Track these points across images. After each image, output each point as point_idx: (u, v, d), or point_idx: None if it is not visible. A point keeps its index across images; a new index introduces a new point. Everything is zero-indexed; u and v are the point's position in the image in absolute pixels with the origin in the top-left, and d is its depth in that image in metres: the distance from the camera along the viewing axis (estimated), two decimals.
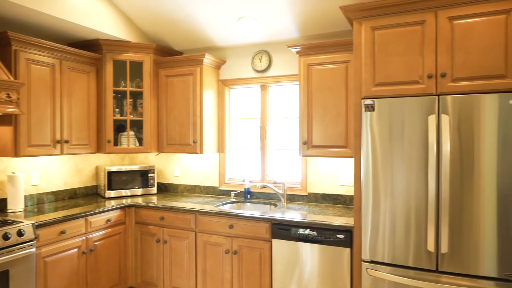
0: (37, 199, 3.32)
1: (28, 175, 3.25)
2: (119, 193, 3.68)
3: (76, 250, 2.93)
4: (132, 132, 3.73)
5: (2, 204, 3.04)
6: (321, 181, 3.38)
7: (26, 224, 2.55)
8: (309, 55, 3.02)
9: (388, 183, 2.34)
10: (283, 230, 2.80)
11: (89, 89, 3.45)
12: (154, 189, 3.88)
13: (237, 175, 3.86)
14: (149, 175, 3.84)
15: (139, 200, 3.56)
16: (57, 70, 3.13)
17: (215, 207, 3.26)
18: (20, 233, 2.47)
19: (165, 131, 3.70)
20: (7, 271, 2.40)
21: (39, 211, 3.03)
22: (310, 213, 2.97)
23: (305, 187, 3.44)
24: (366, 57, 2.43)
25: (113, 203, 3.36)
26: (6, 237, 2.40)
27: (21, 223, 2.55)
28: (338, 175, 3.31)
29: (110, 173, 3.62)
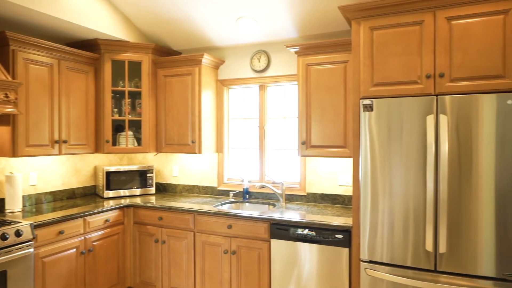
0: (35, 199, 3.32)
1: (26, 175, 3.24)
2: (117, 193, 3.68)
3: (74, 250, 2.92)
4: (130, 132, 3.72)
5: (0, 204, 3.04)
6: (319, 181, 3.38)
7: (24, 224, 2.54)
8: (307, 55, 3.02)
9: (386, 183, 2.34)
10: (281, 230, 2.80)
11: (87, 89, 3.45)
12: (152, 189, 3.88)
13: (235, 175, 3.86)
14: (148, 175, 3.84)
15: (138, 200, 3.55)
16: (55, 70, 3.12)
17: (214, 207, 3.26)
18: (18, 233, 2.46)
19: (163, 131, 3.70)
20: (5, 272, 2.39)
21: (37, 211, 3.02)
22: (308, 213, 2.97)
23: (303, 187, 3.44)
24: (364, 57, 2.44)
25: (111, 203, 3.36)
26: (4, 238, 2.39)
27: (19, 223, 2.55)
28: (336, 175, 3.31)
29: (108, 173, 3.62)
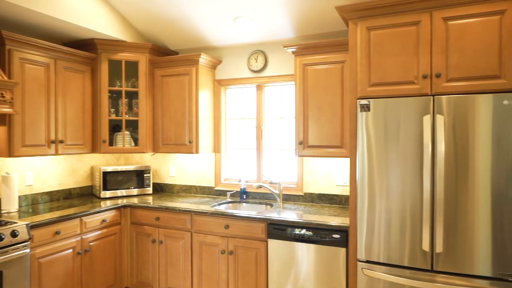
0: (32, 200, 3.30)
1: (22, 175, 3.23)
2: (114, 193, 3.66)
3: (71, 250, 2.91)
4: (127, 132, 3.71)
5: None
6: (317, 181, 3.38)
7: (20, 224, 2.53)
8: (305, 55, 3.03)
9: (383, 183, 2.35)
10: (279, 230, 2.80)
11: (84, 89, 3.44)
12: (149, 189, 3.87)
13: (233, 175, 3.86)
14: (145, 175, 3.83)
15: (135, 200, 3.54)
16: (51, 69, 3.11)
17: (211, 207, 3.26)
18: (14, 234, 2.45)
19: (160, 131, 3.69)
20: (0, 272, 2.37)
21: (34, 211, 3.01)
22: (306, 213, 2.98)
23: (301, 187, 3.45)
24: (361, 58, 2.44)
25: (108, 204, 3.35)
26: None
27: (15, 223, 2.54)
28: (334, 175, 3.32)
29: (105, 173, 3.61)
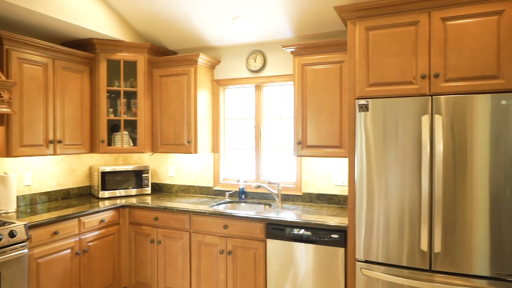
0: (30, 200, 3.29)
1: (20, 175, 3.22)
2: (113, 193, 3.66)
3: (69, 251, 2.90)
4: (126, 132, 3.71)
5: None
6: (315, 181, 3.38)
7: (18, 225, 2.52)
8: (303, 55, 3.03)
9: (382, 183, 2.35)
10: (277, 230, 2.80)
11: (82, 88, 3.43)
12: (148, 189, 3.87)
13: (231, 175, 3.86)
14: (143, 175, 3.83)
15: (133, 200, 3.54)
16: (50, 69, 3.10)
17: (210, 207, 3.26)
18: (12, 234, 2.44)
19: (159, 131, 3.69)
20: None
21: (32, 211, 3.00)
22: (304, 213, 2.98)
23: (299, 187, 3.45)
24: (360, 58, 2.44)
25: (107, 204, 3.34)
26: None
27: (13, 224, 2.53)
28: (332, 175, 3.32)
29: (103, 173, 3.60)
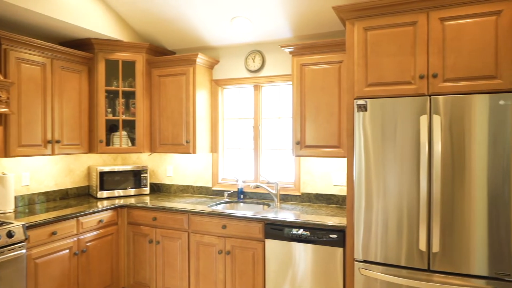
0: (28, 200, 3.28)
1: (18, 175, 3.21)
2: (111, 193, 3.65)
3: (67, 251, 2.90)
4: (124, 132, 3.70)
5: None
6: (314, 181, 3.38)
7: (16, 225, 2.51)
8: (302, 55, 3.03)
9: (380, 183, 2.35)
10: (276, 230, 2.80)
11: (81, 88, 3.42)
12: (147, 190, 3.86)
13: (230, 175, 3.86)
14: (142, 175, 3.82)
15: (132, 200, 3.53)
16: (48, 69, 3.09)
17: (208, 207, 3.25)
18: (10, 234, 2.44)
19: (158, 131, 3.68)
20: None
21: (30, 212, 2.99)
22: (303, 213, 2.98)
23: (298, 187, 3.45)
24: (358, 58, 2.44)
25: (105, 204, 3.34)
26: None
27: (11, 224, 2.52)
28: (331, 175, 3.32)
29: (102, 173, 3.60)
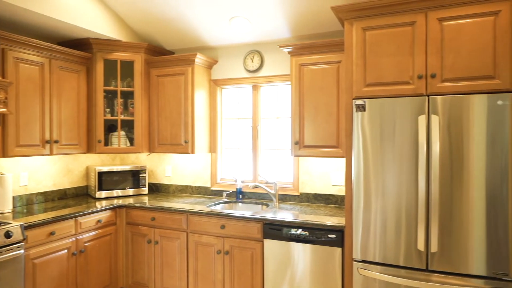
0: (26, 200, 3.28)
1: (16, 175, 3.21)
2: (110, 193, 3.65)
3: (65, 251, 2.89)
4: (123, 132, 3.70)
5: None
6: (313, 181, 3.38)
7: (14, 225, 2.51)
8: (301, 55, 3.03)
9: (379, 183, 2.35)
10: (274, 230, 2.80)
11: (79, 88, 3.42)
12: (145, 190, 3.86)
13: (229, 175, 3.85)
14: (140, 175, 3.82)
15: (130, 200, 3.53)
16: (46, 69, 3.09)
17: (207, 207, 3.25)
18: (8, 235, 2.43)
19: (156, 131, 3.68)
20: None
21: (28, 212, 2.99)
22: (301, 213, 2.98)
23: (297, 187, 3.45)
24: (357, 58, 2.45)
25: (104, 204, 3.33)
26: None
27: (9, 224, 2.52)
28: (329, 175, 3.32)
29: (100, 174, 3.59)
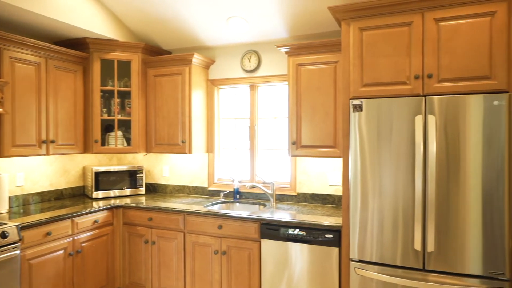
0: (23, 200, 3.26)
1: (12, 175, 3.19)
2: (107, 193, 3.64)
3: (62, 251, 2.88)
4: (120, 132, 3.69)
5: None
6: (310, 181, 3.39)
7: (10, 226, 2.50)
8: (298, 55, 3.03)
9: (376, 182, 2.36)
10: (272, 230, 2.80)
11: (76, 88, 3.40)
12: (142, 190, 3.85)
13: (226, 175, 3.85)
14: (138, 175, 3.81)
15: (127, 200, 3.52)
16: (42, 69, 3.07)
17: (204, 207, 3.25)
18: (3, 235, 2.42)
19: (153, 131, 3.67)
20: None
21: (24, 212, 2.97)
22: (299, 213, 2.98)
23: (294, 187, 3.45)
24: (354, 58, 2.45)
25: (100, 204, 3.32)
26: None
27: (5, 224, 2.50)
28: (327, 175, 3.33)
29: (97, 174, 3.58)
